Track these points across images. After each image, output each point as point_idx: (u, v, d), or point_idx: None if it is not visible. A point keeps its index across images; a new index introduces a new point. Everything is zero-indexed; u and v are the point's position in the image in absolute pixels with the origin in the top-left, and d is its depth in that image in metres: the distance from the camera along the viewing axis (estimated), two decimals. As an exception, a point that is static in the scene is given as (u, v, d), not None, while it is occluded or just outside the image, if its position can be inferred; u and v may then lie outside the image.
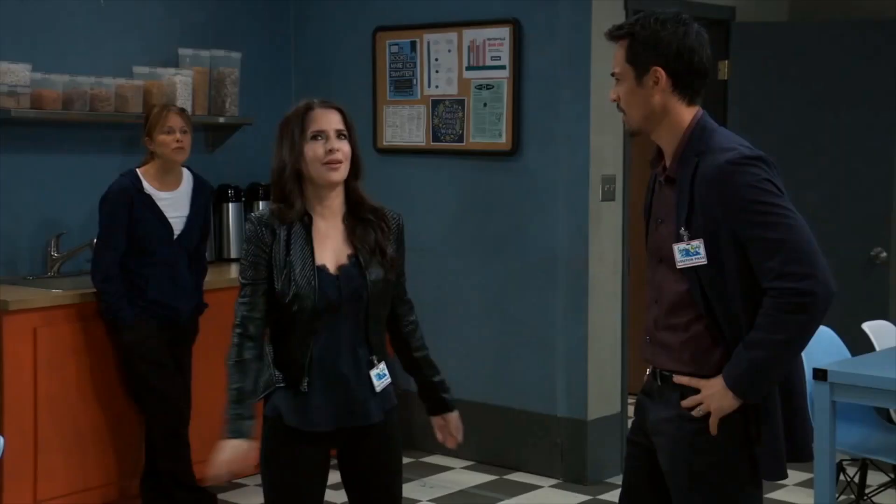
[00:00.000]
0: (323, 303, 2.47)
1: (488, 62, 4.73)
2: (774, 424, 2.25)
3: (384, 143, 5.13)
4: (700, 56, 2.30)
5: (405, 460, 4.82)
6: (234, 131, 5.05)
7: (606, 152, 4.62)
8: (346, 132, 2.58)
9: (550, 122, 4.61)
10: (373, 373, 2.56)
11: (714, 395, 2.24)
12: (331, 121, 2.57)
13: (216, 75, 4.87)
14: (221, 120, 4.90)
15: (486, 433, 4.85)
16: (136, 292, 3.90)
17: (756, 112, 5.07)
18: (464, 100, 4.81)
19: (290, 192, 2.52)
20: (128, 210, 3.87)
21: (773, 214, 2.17)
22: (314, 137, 2.54)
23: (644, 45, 2.29)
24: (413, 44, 4.95)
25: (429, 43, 4.89)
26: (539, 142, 4.65)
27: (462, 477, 4.69)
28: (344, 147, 2.55)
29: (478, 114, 4.78)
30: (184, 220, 4.00)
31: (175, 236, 3.97)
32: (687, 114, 2.31)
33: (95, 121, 4.43)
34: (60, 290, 4.01)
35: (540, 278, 4.67)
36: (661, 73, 2.28)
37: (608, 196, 4.62)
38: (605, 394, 4.69)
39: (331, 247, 2.52)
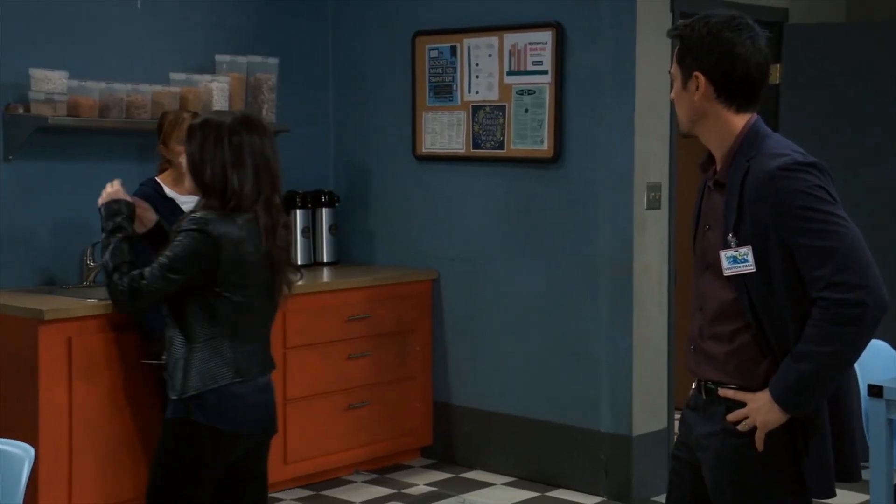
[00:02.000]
0: None
1: (530, 67, 4.76)
2: (823, 440, 2.25)
3: (423, 150, 5.17)
4: (747, 64, 2.31)
5: (446, 475, 4.91)
6: None
7: (652, 159, 4.62)
8: None
9: (593, 128, 4.62)
10: None
11: (760, 409, 2.25)
12: None
13: (253, 81, 4.95)
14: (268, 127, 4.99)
15: (527, 448, 4.87)
16: None
17: (809, 116, 5.05)
18: (504, 105, 4.85)
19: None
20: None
21: (824, 222, 2.18)
22: None
23: (689, 50, 2.34)
24: (453, 48, 5.00)
25: (469, 47, 4.94)
26: (582, 148, 4.67)
27: (502, 493, 4.71)
28: None
29: (519, 120, 4.81)
30: None
31: None
32: (737, 120, 2.33)
33: (132, 128, 4.51)
34: (95, 300, 4.09)
35: (583, 289, 4.68)
36: (702, 79, 2.32)
37: (654, 205, 4.63)
38: (650, 408, 4.69)
39: None
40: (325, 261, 5.34)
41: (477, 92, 4.93)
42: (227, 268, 2.75)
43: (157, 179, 4.06)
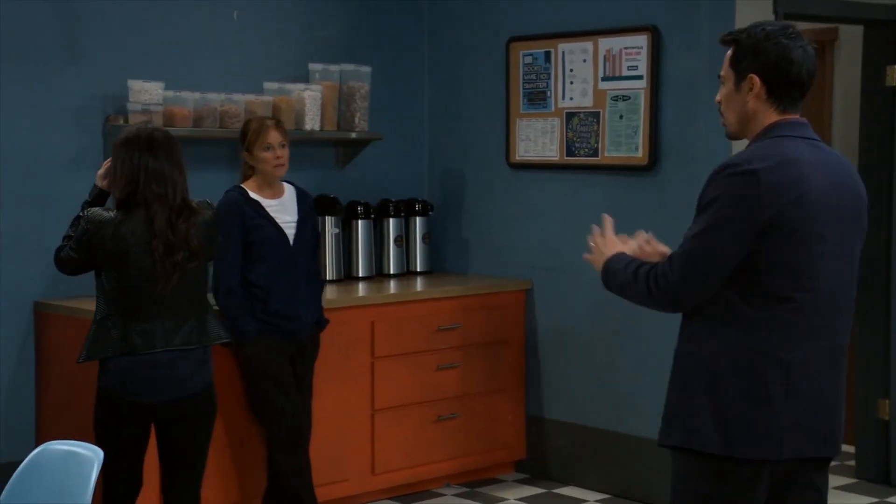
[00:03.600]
0: None
1: (625, 72, 4.79)
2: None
3: (517, 158, 5.24)
4: (798, 69, 2.52)
5: (538, 490, 4.99)
6: (364, 147, 5.26)
7: (753, 168, 4.60)
8: None
9: (690, 134, 4.62)
10: None
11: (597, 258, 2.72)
12: None
13: (346, 90, 5.09)
14: (353, 135, 5.12)
15: (623, 465, 4.88)
16: (258, 304, 4.12)
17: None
18: (599, 112, 4.89)
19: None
20: (241, 220, 4.11)
21: (704, 224, 2.49)
22: None
23: (745, 53, 2.54)
24: (547, 54, 5.06)
25: (563, 53, 4.99)
26: (678, 156, 4.66)
27: (594, 510, 4.73)
28: None
29: (613, 127, 4.84)
30: (294, 224, 4.21)
31: (290, 242, 4.18)
32: (772, 119, 2.54)
33: (226, 137, 4.70)
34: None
35: None
36: (757, 80, 2.53)
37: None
38: (750, 426, 4.65)
39: None
40: (418, 270, 5.45)
41: (571, 98, 4.99)
42: (105, 255, 3.32)
43: (242, 186, 4.25)
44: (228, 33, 4.95)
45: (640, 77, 4.76)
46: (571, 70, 4.99)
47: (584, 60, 4.94)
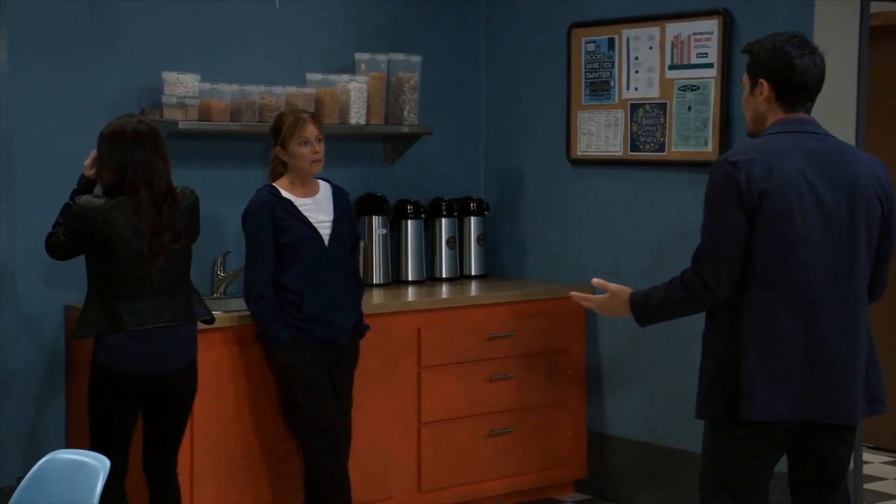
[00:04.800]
0: None
1: (694, 60, 4.73)
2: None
3: (578, 153, 5.20)
4: (802, 75, 3.10)
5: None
6: (413, 142, 5.25)
7: (831, 162, 4.53)
8: None
9: None
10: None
11: (613, 303, 3.33)
12: None
13: (394, 81, 5.08)
14: (405, 129, 5.12)
15: (690, 484, 4.65)
16: (292, 310, 4.12)
17: None
18: (666, 103, 4.83)
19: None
20: (272, 220, 4.11)
21: (706, 214, 3.11)
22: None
23: (757, 61, 3.15)
24: (611, 41, 5.02)
25: (628, 39, 4.95)
26: None
27: (659, 534, 4.70)
28: None
29: (681, 119, 4.78)
30: (330, 225, 4.21)
31: (325, 243, 4.18)
32: (778, 118, 3.13)
33: (265, 132, 4.65)
34: (220, 312, 4.30)
35: None
36: (765, 84, 3.13)
37: (833, 213, 4.52)
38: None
39: None
40: (472, 273, 5.43)
41: (636, 88, 4.94)
42: (96, 239, 3.70)
43: (274, 184, 4.24)
44: (269, 21, 4.96)
45: (710, 65, 4.70)
46: (636, 58, 4.94)
47: (650, 47, 4.88)
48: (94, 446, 3.69)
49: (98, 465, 2.60)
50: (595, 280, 3.43)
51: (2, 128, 4.34)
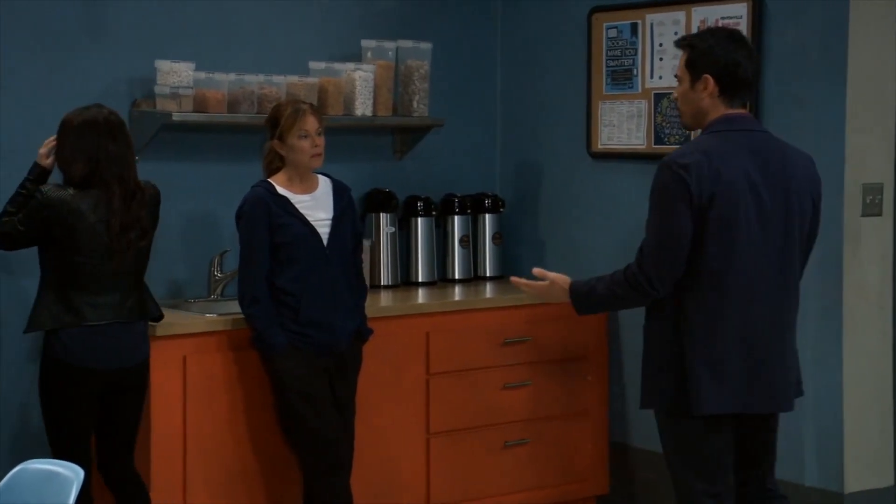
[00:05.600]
0: None
1: None
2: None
3: (599, 146, 5.15)
4: (745, 69, 3.29)
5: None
6: (423, 134, 5.19)
7: (870, 156, 4.44)
8: None
9: (796, 118, 4.50)
10: None
11: (552, 290, 3.54)
12: None
13: (403, 70, 5.02)
14: (415, 121, 5.05)
15: None
16: (288, 314, 4.06)
17: None
18: None
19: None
20: (266, 219, 4.05)
21: (652, 213, 3.28)
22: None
23: (701, 56, 3.30)
24: (634, 26, 4.97)
25: (652, 24, 4.91)
26: None
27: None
28: None
29: None
30: (329, 223, 4.14)
31: (324, 243, 4.11)
32: (721, 114, 3.30)
33: (264, 124, 4.65)
34: (214, 315, 4.24)
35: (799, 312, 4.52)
36: (710, 80, 3.29)
37: (872, 210, 4.46)
38: (868, 460, 4.49)
39: None
40: (487, 274, 5.38)
41: (660, 77, 4.89)
42: (62, 231, 3.74)
43: (269, 180, 4.17)
44: (269, 6, 4.90)
45: None
46: (661, 45, 4.90)
47: (676, 33, 4.81)
48: (56, 449, 3.76)
49: (71, 475, 2.63)
50: (535, 269, 3.60)
51: (-16, 119, 4.29)
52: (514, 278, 3.68)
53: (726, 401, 3.25)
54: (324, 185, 4.23)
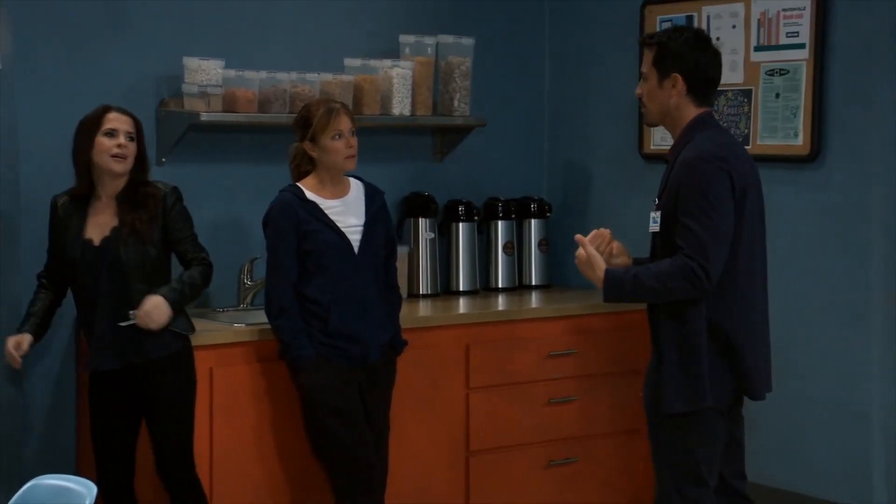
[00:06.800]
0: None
1: (783, 40, 4.70)
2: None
3: (652, 147, 5.15)
4: (713, 69, 3.52)
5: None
6: (465, 135, 5.21)
7: (942, 157, 4.43)
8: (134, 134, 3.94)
9: (864, 118, 4.49)
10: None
11: (593, 266, 3.57)
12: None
13: (444, 66, 5.04)
14: (456, 121, 5.07)
15: None
16: (317, 325, 4.07)
17: None
18: (751, 90, 4.80)
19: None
20: (295, 225, 4.06)
21: (707, 210, 3.36)
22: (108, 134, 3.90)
23: (669, 55, 3.48)
24: (689, 19, 4.99)
25: (709, 17, 4.92)
26: (848, 144, 4.55)
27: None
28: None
29: (768, 108, 4.74)
30: (360, 229, 4.14)
31: (355, 250, 4.12)
32: (693, 112, 3.51)
33: (293, 125, 4.63)
34: (242, 325, 4.27)
35: (846, 325, 4.56)
36: (679, 79, 3.48)
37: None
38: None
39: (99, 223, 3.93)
40: (532, 283, 5.39)
41: None
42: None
43: (298, 184, 4.18)
44: (303, 1, 4.92)
45: (801, 46, 4.65)
46: (718, 38, 4.88)
47: (734, 26, 4.85)
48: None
49: (84, 490, 2.68)
50: (579, 237, 3.68)
51: (3, 118, 4.32)
52: (578, 236, 3.69)
53: (734, 386, 3.51)
54: (355, 189, 4.23)
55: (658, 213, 3.50)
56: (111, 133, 3.86)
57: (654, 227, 3.53)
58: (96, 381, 3.96)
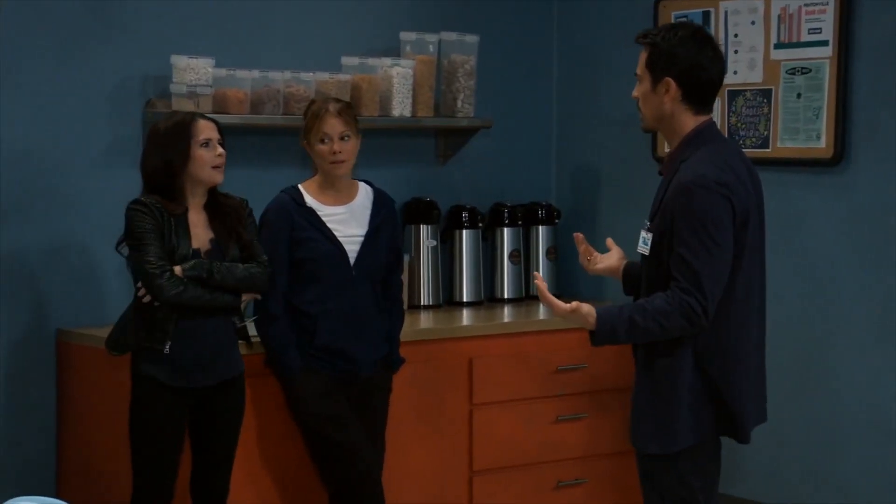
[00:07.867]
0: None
1: (805, 37, 4.71)
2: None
3: (665, 151, 4.93)
4: (710, 72, 3.30)
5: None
6: (469, 137, 5.21)
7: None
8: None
9: (891, 119, 4.50)
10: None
11: (576, 316, 3.29)
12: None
13: (446, 65, 5.05)
14: (459, 122, 5.08)
15: None
16: (304, 336, 4.07)
17: None
18: (771, 90, 4.81)
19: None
20: (288, 231, 4.05)
21: (704, 240, 3.19)
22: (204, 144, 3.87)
23: (661, 57, 3.29)
24: (706, 15, 5.00)
25: (726, 13, 4.94)
26: (873, 147, 4.56)
27: None
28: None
29: (789, 108, 4.75)
30: (360, 240, 4.11)
31: (351, 261, 4.09)
32: (691, 122, 3.32)
33: (291, 126, 4.62)
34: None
35: (871, 334, 4.56)
36: (672, 84, 3.28)
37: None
38: None
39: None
40: (540, 294, 5.34)
41: (735, 72, 4.90)
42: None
43: (300, 187, 4.17)
44: (298, -6, 4.96)
45: (824, 43, 4.66)
46: (736, 35, 4.91)
47: (753, 22, 4.85)
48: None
49: None
50: (578, 235, 3.74)
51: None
52: (538, 279, 3.39)
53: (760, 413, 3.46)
54: (363, 195, 4.20)
55: (649, 235, 3.34)
56: (207, 143, 3.84)
57: (644, 248, 3.37)
58: (158, 394, 3.82)
